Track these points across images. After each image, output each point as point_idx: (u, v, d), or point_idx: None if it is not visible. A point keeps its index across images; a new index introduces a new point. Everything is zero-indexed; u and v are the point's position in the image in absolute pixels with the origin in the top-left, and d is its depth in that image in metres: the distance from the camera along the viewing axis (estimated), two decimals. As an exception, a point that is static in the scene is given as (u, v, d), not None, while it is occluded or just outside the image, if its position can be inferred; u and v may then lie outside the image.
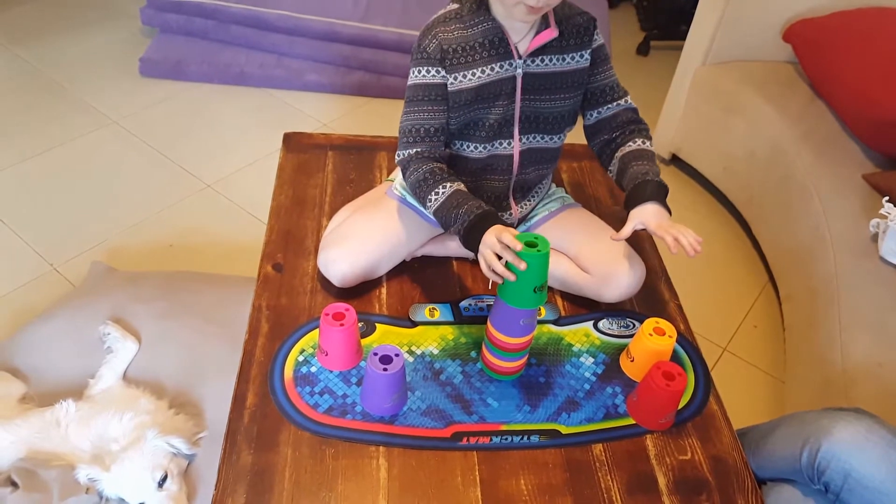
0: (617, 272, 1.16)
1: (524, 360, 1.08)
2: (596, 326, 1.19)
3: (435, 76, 1.07)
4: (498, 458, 0.99)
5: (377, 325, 1.15)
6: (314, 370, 1.07)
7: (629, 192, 1.10)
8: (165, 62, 2.61)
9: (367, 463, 0.96)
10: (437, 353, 1.12)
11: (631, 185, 1.09)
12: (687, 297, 1.31)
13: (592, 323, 1.19)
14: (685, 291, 1.32)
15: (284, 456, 0.96)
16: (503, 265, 0.94)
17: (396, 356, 0.97)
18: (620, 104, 1.17)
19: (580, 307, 1.22)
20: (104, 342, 1.41)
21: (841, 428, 0.94)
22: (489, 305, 1.20)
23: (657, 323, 1.09)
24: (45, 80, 2.58)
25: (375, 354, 0.97)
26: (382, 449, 0.98)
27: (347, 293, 1.18)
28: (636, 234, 1.08)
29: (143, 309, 1.48)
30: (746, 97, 2.03)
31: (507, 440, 1.01)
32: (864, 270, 1.49)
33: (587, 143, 1.24)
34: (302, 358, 1.09)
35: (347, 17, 2.63)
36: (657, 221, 1.04)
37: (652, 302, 1.25)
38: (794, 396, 1.53)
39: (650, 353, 1.07)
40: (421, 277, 1.25)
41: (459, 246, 1.08)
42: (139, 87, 2.58)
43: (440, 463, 0.97)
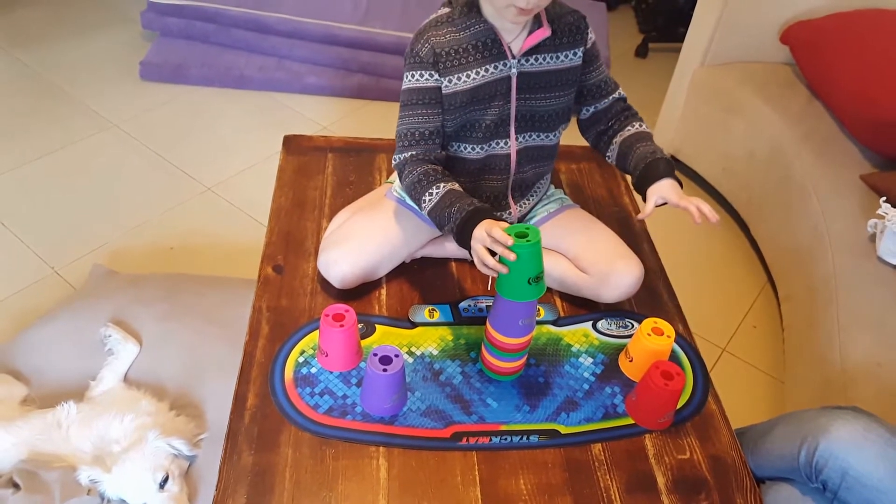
0: (615, 272, 1.17)
1: (523, 360, 1.09)
2: (595, 327, 1.19)
3: (428, 80, 1.07)
4: (497, 457, 0.99)
5: (377, 326, 1.16)
6: (314, 371, 1.08)
7: (641, 171, 1.11)
8: (166, 65, 2.62)
9: (367, 463, 0.97)
10: (436, 353, 1.12)
11: (642, 164, 1.11)
12: (686, 297, 1.31)
13: (591, 323, 1.20)
14: (684, 292, 1.32)
15: (285, 456, 0.96)
16: (496, 259, 0.94)
17: (396, 357, 0.98)
18: (613, 97, 1.20)
19: (579, 308, 1.22)
20: (105, 344, 1.41)
21: (839, 426, 0.94)
22: (488, 306, 1.20)
23: (655, 323, 1.09)
24: (45, 83, 2.58)
25: (375, 355, 0.97)
26: (382, 449, 0.98)
27: (347, 294, 1.19)
28: (635, 234, 1.08)
29: (143, 311, 1.49)
30: (745, 98, 2.03)
31: (506, 440, 1.01)
32: (862, 270, 1.50)
33: (581, 134, 1.25)
34: (302, 359, 1.09)
35: (347, 20, 2.64)
36: (677, 194, 1.07)
37: (650, 302, 1.25)
38: (793, 396, 1.53)
39: (649, 353, 1.08)
40: (420, 279, 1.25)
41: (458, 247, 1.08)
42: (140, 90, 2.59)
43: (440, 463, 0.98)
